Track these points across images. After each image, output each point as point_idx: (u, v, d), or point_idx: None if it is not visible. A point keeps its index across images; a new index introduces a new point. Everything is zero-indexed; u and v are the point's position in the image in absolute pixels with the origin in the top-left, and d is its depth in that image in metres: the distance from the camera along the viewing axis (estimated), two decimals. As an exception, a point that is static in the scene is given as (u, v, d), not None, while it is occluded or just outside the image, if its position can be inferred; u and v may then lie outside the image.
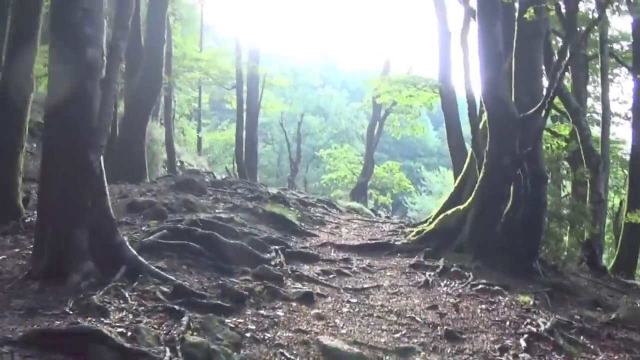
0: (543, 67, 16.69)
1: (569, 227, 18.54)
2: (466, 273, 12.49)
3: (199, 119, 44.58)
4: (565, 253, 16.80)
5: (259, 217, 15.74)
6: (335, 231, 17.20)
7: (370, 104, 40.93)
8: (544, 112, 13.86)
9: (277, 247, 12.61)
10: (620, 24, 41.06)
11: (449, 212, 15.44)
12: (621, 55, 29.33)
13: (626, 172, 29.06)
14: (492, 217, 14.29)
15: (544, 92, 13.97)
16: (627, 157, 27.58)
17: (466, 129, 20.29)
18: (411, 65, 43.58)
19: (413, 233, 15.77)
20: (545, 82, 16.28)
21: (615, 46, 29.03)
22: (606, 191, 22.62)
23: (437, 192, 58.55)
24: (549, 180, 15.97)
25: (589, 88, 29.45)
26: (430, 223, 16.21)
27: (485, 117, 15.62)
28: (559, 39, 24.11)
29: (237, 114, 31.44)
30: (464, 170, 18.53)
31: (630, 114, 28.37)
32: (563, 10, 21.61)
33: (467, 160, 18.51)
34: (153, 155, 26.42)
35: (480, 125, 17.44)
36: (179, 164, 30.40)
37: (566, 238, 18.76)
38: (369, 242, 15.49)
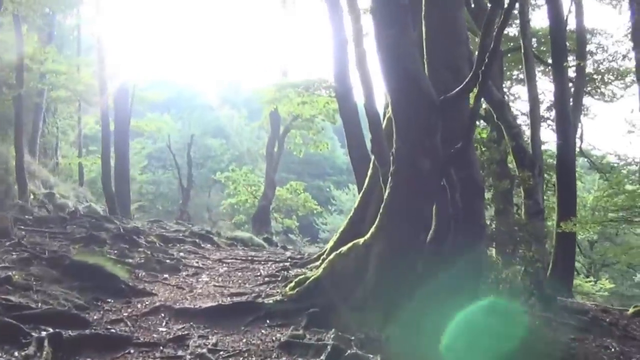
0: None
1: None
2: (371, 357, 7.03)
3: (79, 145, 37.95)
4: (508, 286, 11.64)
5: (63, 271, 10.00)
6: (189, 281, 11.59)
7: (268, 121, 35.77)
8: (475, 89, 8.68)
9: (50, 330, 6.94)
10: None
11: (344, 248, 9.68)
12: (536, 51, 25.61)
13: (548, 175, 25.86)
14: (407, 253, 8.85)
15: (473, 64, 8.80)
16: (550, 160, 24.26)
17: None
18: (309, 74, 38.45)
19: (293, 284, 10.03)
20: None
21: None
22: (542, 199, 18.35)
23: (348, 211, 53.74)
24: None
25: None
26: (319, 266, 10.63)
27: (389, 108, 10.27)
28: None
29: (103, 135, 24.37)
30: (365, 186, 13.09)
31: (547, 115, 25.91)
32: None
33: (369, 171, 13.05)
34: (8, 187, 20.74)
35: (384, 122, 12.13)
36: (34, 196, 24.24)
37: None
38: (226, 301, 9.77)
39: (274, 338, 7.91)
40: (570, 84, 22.58)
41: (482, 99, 15.40)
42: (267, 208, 36.16)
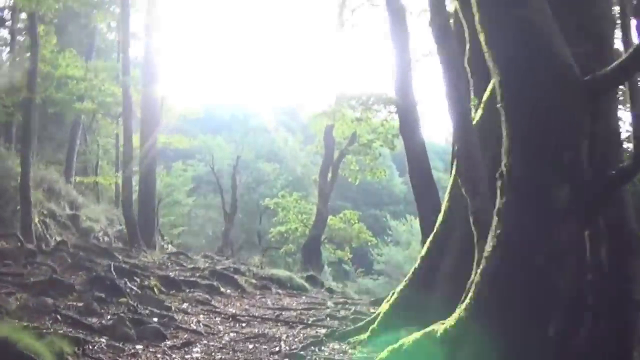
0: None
1: None
2: None
3: (116, 162, 34.36)
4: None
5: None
6: (168, 363, 7.37)
7: (322, 145, 32.04)
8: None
9: None
10: None
11: (407, 342, 4.95)
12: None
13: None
14: (524, 357, 4.59)
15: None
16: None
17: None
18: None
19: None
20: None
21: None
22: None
23: (405, 242, 50.64)
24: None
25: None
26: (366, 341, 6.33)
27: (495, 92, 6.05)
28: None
29: (124, 152, 20.44)
30: (437, 227, 8.40)
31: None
32: None
33: (445, 203, 8.55)
34: (15, 207, 17.27)
35: (476, 120, 7.65)
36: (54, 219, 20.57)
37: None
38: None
39: None
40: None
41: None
42: (318, 238, 32.43)
